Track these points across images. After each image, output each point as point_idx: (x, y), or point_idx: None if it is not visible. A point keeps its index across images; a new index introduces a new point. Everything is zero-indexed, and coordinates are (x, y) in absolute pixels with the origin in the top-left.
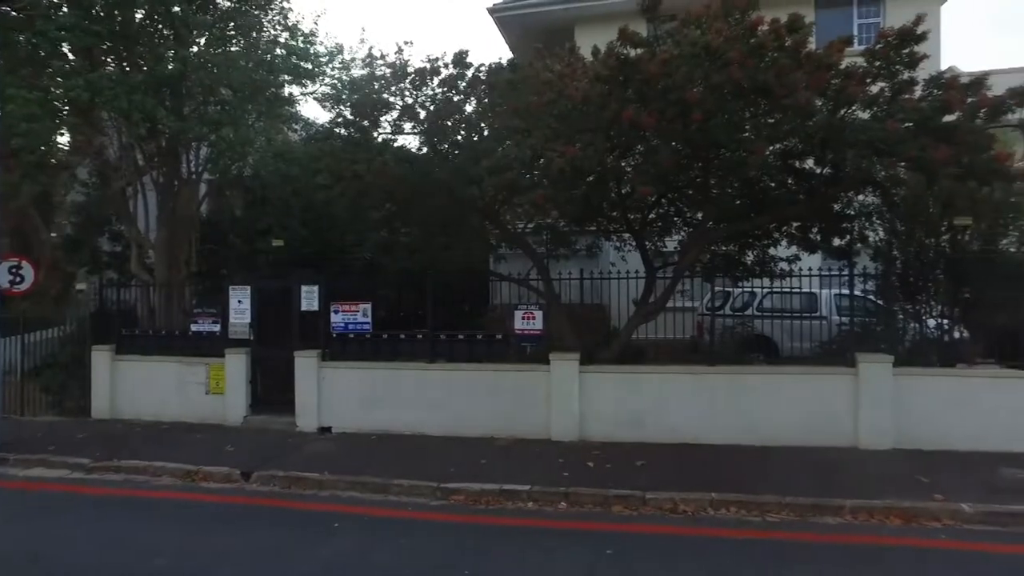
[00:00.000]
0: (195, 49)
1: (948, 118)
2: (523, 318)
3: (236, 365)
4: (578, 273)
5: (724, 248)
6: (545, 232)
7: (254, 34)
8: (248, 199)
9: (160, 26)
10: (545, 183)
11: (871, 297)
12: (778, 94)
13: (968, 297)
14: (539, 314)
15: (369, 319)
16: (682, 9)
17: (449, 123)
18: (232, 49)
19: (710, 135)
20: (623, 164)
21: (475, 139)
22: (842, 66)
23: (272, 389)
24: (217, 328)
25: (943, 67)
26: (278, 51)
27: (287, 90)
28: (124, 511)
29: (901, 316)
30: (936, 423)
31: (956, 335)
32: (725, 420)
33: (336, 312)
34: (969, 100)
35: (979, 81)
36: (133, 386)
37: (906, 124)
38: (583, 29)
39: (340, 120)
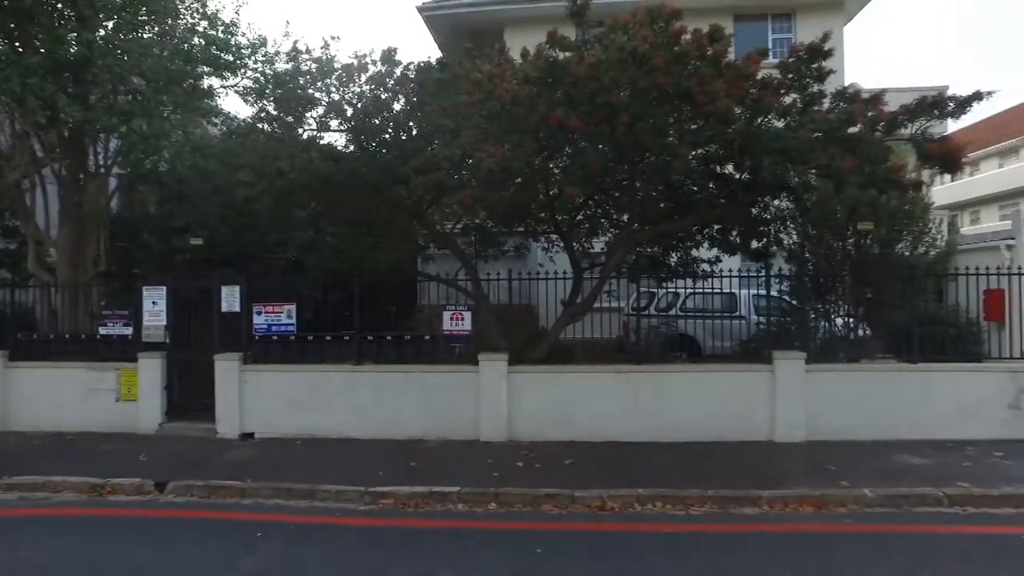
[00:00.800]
0: (102, 33)
1: (851, 130)
2: (452, 319)
3: (150, 369)
4: (506, 274)
5: (649, 250)
6: (474, 232)
7: (169, 21)
8: (163, 195)
9: (60, 5)
10: (474, 183)
11: (786, 297)
12: (700, 101)
13: (870, 297)
14: (468, 315)
15: (294, 320)
16: (609, 15)
17: (377, 121)
18: (145, 36)
19: (636, 138)
20: (551, 166)
21: (403, 138)
22: (759, 77)
23: (190, 394)
24: (129, 331)
25: (847, 82)
26: (196, 40)
27: (206, 82)
28: (18, 532)
29: (812, 315)
30: (843, 415)
31: (860, 333)
32: (651, 418)
33: (259, 313)
34: (869, 114)
35: (877, 97)
36: (30, 395)
37: (816, 134)
38: (512, 31)
39: (263, 115)
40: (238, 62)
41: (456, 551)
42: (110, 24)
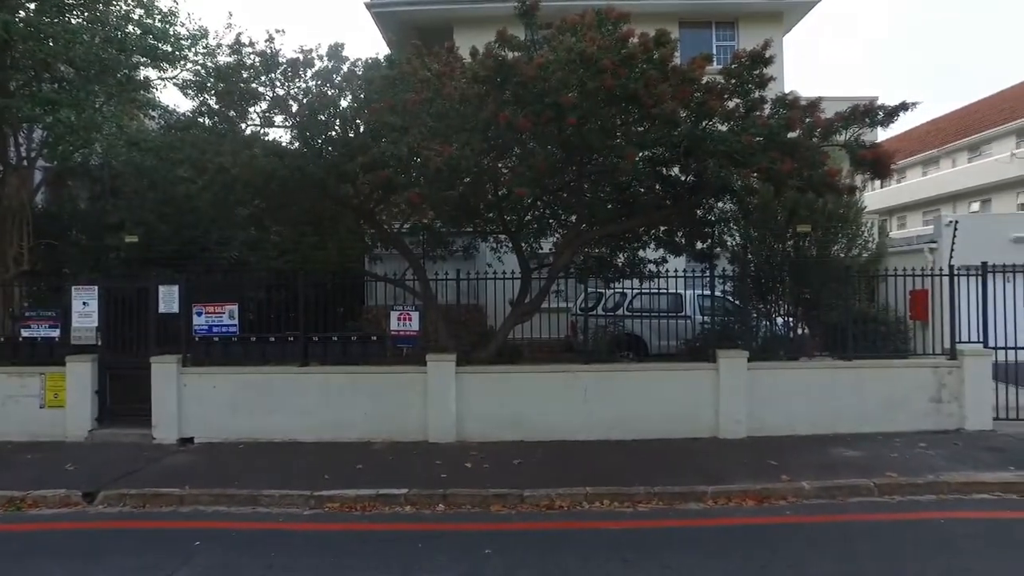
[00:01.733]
0: (23, 15)
1: (791, 135)
2: (399, 319)
3: (79, 374)
4: (455, 274)
5: (597, 251)
6: (422, 232)
7: (101, 6)
8: (95, 190)
9: None
10: (422, 182)
11: (729, 298)
12: (647, 103)
13: (807, 297)
14: (415, 315)
15: (236, 321)
16: (558, 16)
17: (323, 117)
18: (73, 21)
19: (584, 140)
20: (500, 166)
21: (350, 135)
22: (704, 81)
23: (125, 399)
24: (56, 333)
25: (785, 90)
26: (131, 28)
27: (143, 73)
28: None
29: (754, 315)
30: (783, 411)
31: (799, 331)
32: (599, 417)
33: (199, 314)
34: (807, 120)
35: (814, 104)
36: None
37: (757, 139)
38: (461, 31)
39: (204, 109)
40: (177, 53)
41: (403, 554)
42: (32, 5)
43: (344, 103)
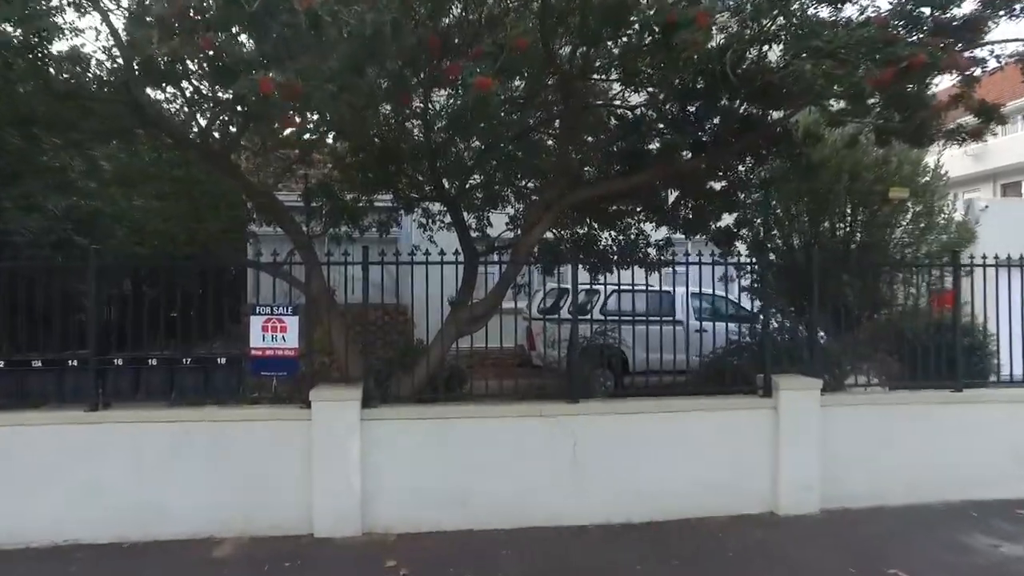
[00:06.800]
0: None
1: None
2: (267, 330)
3: None
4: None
5: (574, 229)
6: (318, 198)
7: None
8: None
9: None
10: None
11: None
12: None
13: (870, 298)
14: (293, 322)
15: None
16: None
17: None
18: None
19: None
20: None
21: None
22: None
23: None
24: None
25: None
26: None
27: None
28: None
29: (789, 324)
30: (867, 470)
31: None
32: (595, 486)
33: None
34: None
35: None
36: None
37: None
38: None
39: None
40: None
41: None
42: None
43: None
